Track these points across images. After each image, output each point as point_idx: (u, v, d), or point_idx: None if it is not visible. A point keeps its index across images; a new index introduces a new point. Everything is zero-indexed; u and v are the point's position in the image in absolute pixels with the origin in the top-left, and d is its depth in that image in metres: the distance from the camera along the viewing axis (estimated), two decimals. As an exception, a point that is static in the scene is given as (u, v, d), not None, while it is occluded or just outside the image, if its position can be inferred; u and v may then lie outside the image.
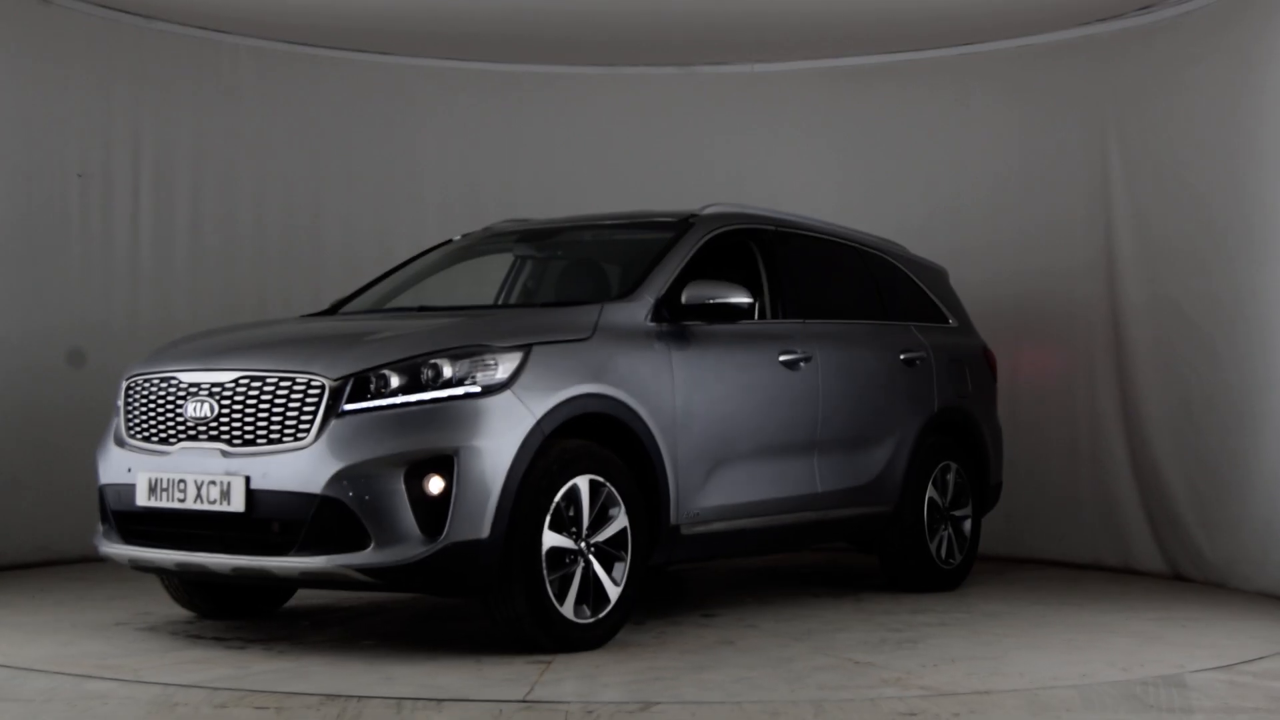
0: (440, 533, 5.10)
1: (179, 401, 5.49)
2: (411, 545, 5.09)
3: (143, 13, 8.49)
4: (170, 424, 5.50)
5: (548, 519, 5.32)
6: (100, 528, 5.85)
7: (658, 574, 8.03)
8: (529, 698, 4.65)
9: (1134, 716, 4.70)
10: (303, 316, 6.74)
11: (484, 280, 7.24)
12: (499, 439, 5.21)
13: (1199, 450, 7.86)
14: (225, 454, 5.30)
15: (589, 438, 5.60)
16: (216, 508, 5.26)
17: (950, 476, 7.43)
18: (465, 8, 8.45)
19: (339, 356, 5.30)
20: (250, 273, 8.97)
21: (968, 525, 7.54)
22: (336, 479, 5.10)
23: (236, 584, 6.00)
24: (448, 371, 5.26)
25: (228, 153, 8.94)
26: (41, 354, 8.06)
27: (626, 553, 5.61)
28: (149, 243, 8.60)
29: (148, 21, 8.56)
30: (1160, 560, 8.14)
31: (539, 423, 5.32)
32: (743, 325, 6.41)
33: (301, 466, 5.15)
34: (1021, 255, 8.70)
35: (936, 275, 8.05)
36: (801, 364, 6.58)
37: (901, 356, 7.27)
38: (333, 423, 5.17)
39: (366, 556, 5.09)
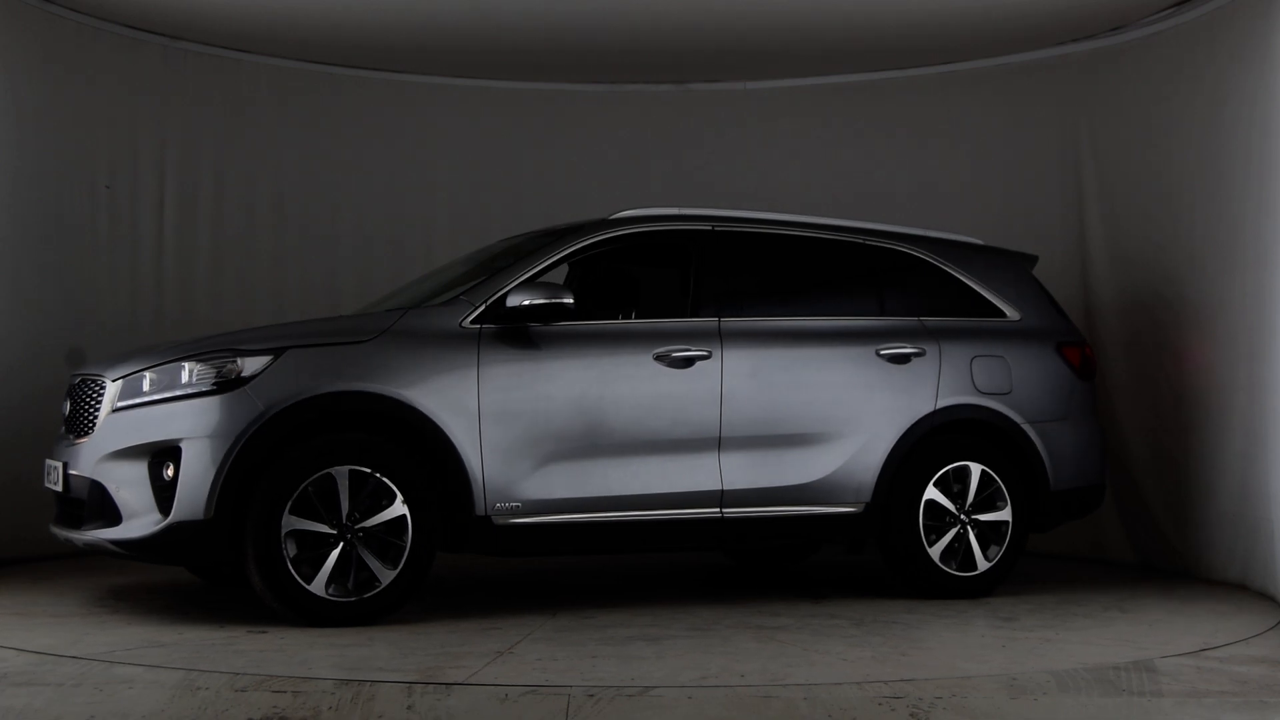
0: (169, 513, 5.54)
1: (66, 400, 6.23)
2: (148, 523, 5.59)
3: (168, 33, 8.46)
4: (62, 419, 6.24)
5: (289, 504, 5.57)
6: None
7: (774, 565, 7.90)
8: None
9: (1106, 699, 4.70)
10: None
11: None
12: (224, 431, 5.57)
13: (1168, 448, 7.83)
14: (69, 444, 5.98)
15: (373, 432, 5.74)
16: (55, 488, 6.03)
17: (971, 478, 6.75)
18: (473, 29, 8.41)
19: (121, 363, 5.92)
20: (268, 280, 8.93)
21: (1007, 531, 6.82)
22: (100, 465, 5.71)
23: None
24: (193, 374, 5.69)
25: (247, 165, 8.90)
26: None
27: (405, 540, 5.70)
28: (172, 251, 8.57)
29: (172, 41, 8.53)
30: (1130, 551, 8.12)
31: (272, 418, 5.58)
32: (611, 324, 6.37)
33: (86, 455, 5.81)
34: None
35: (1007, 266, 7.26)
36: (698, 361, 6.30)
37: (882, 352, 6.67)
38: (108, 418, 5.79)
39: (118, 531, 5.65)
